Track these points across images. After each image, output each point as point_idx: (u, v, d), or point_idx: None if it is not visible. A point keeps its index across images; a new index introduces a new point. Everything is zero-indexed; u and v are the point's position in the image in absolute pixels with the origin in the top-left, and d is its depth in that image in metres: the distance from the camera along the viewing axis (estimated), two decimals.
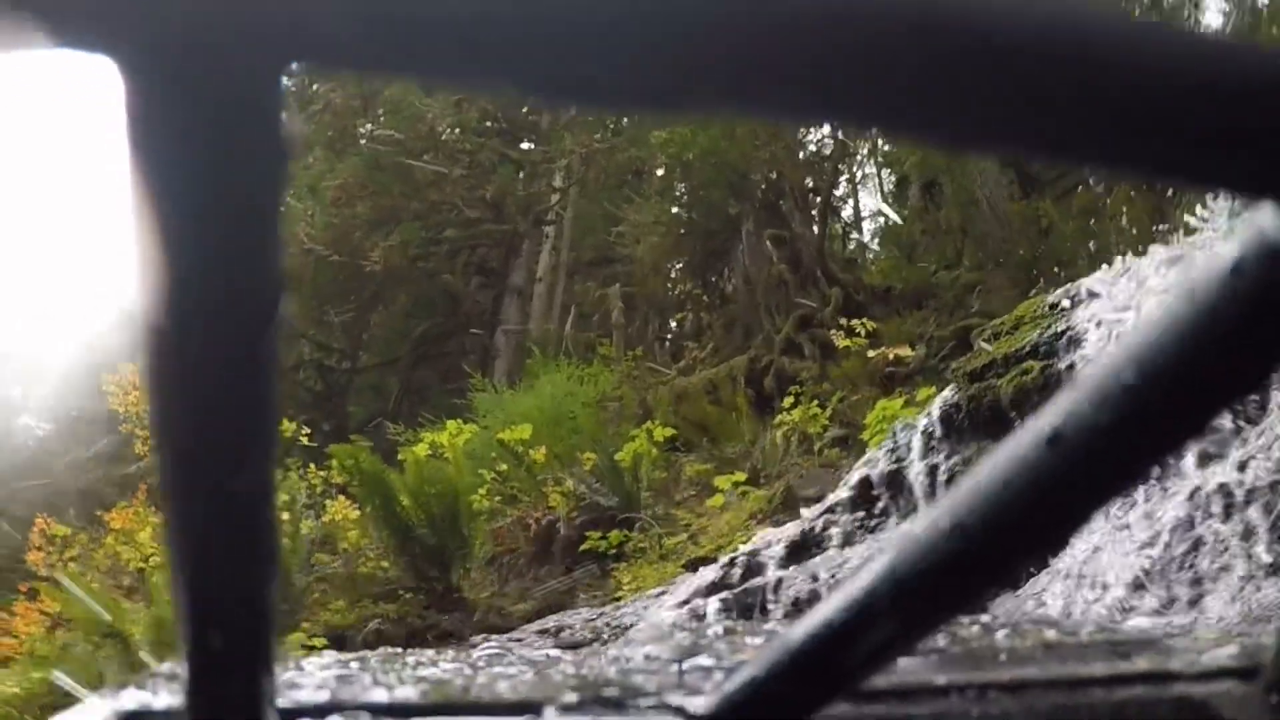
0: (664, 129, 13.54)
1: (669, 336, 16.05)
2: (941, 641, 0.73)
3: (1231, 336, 0.29)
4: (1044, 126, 0.24)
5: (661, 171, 17.42)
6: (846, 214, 17.55)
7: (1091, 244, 13.28)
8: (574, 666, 0.71)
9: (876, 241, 17.34)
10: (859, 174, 17.17)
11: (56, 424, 17.61)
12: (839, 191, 16.42)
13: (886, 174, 17.08)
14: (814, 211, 14.15)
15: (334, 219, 15.67)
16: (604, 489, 8.43)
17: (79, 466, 15.55)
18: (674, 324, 16.22)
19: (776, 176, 14.03)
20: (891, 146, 14.59)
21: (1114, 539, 3.26)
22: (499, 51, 0.23)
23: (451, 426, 8.97)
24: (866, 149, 16.19)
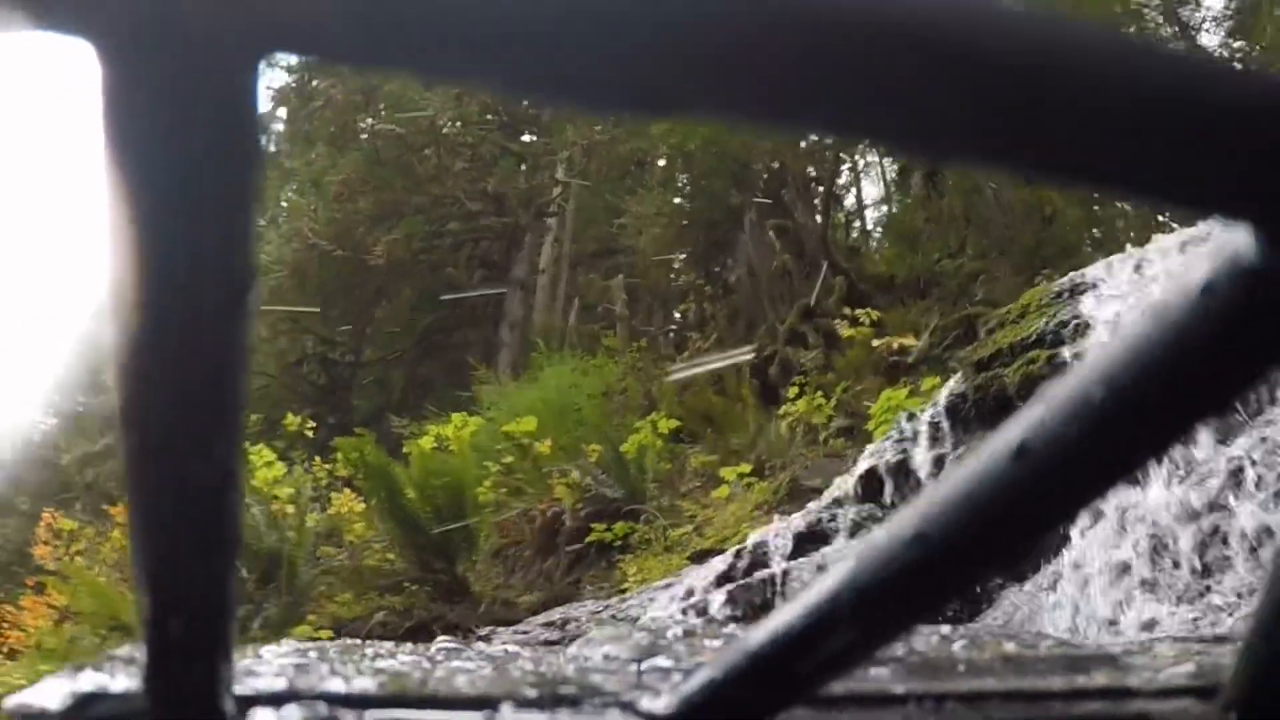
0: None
1: (673, 328, 16.04)
2: (900, 650, 0.74)
3: (1202, 356, 0.29)
4: (1021, 143, 0.25)
5: (663, 162, 17.42)
6: (849, 203, 17.55)
7: (1095, 231, 13.26)
8: (532, 664, 0.71)
9: (879, 230, 17.33)
10: (861, 163, 17.15)
11: (62, 419, 17.66)
12: (841, 180, 16.42)
13: (889, 162, 17.06)
14: (816, 201, 14.14)
15: (337, 214, 15.69)
16: (609, 481, 8.43)
17: (85, 461, 15.59)
18: (678, 315, 16.21)
19: (779, 166, 14.02)
20: None
21: None
22: (478, 43, 0.23)
23: (457, 419, 8.97)
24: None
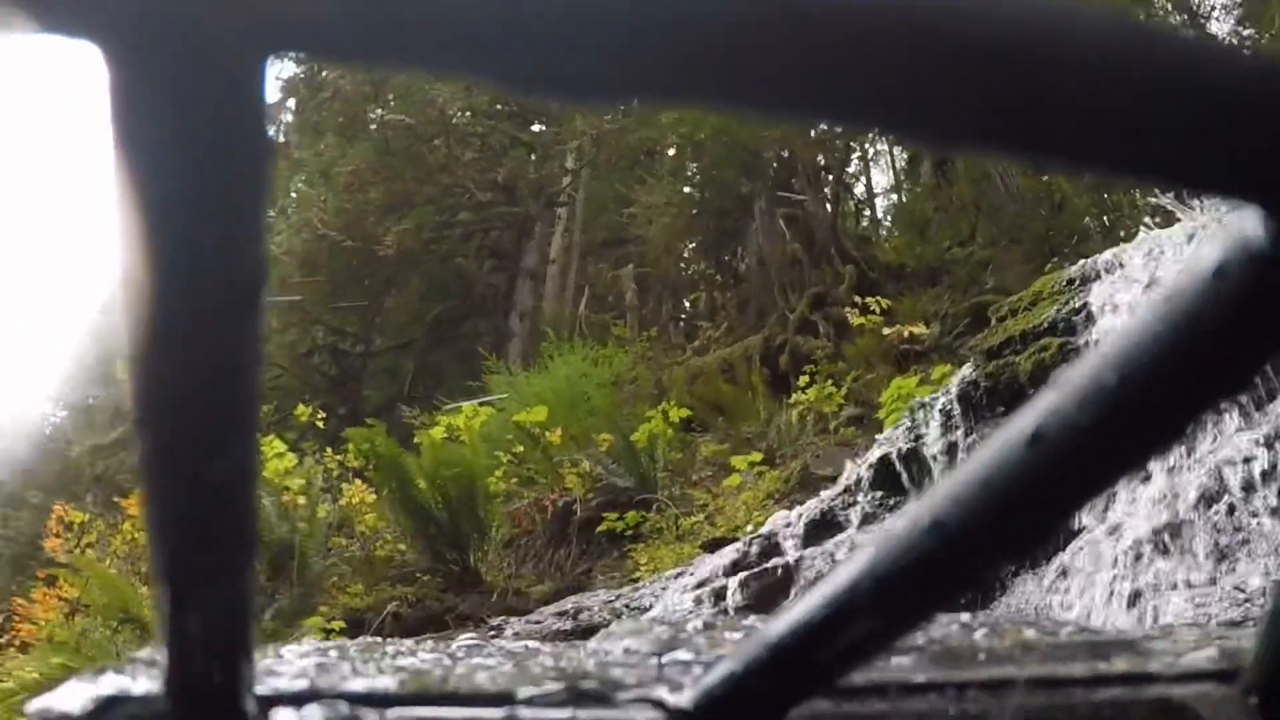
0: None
1: (683, 317, 16.03)
2: (920, 639, 0.74)
3: (1213, 339, 0.29)
4: (1029, 128, 0.25)
5: (673, 151, 17.38)
6: (859, 191, 17.52)
7: (1105, 218, 13.19)
8: (553, 659, 0.70)
9: (889, 218, 17.29)
10: (871, 151, 17.09)
11: (72, 411, 17.73)
12: (851, 169, 16.37)
13: (899, 151, 17.00)
14: (826, 189, 14.10)
15: (347, 204, 15.69)
16: (620, 470, 8.44)
17: (96, 453, 15.66)
18: (688, 304, 16.20)
19: (788, 154, 13.99)
20: None
21: None
22: (478, 42, 0.23)
23: (468, 409, 8.98)
24: None
